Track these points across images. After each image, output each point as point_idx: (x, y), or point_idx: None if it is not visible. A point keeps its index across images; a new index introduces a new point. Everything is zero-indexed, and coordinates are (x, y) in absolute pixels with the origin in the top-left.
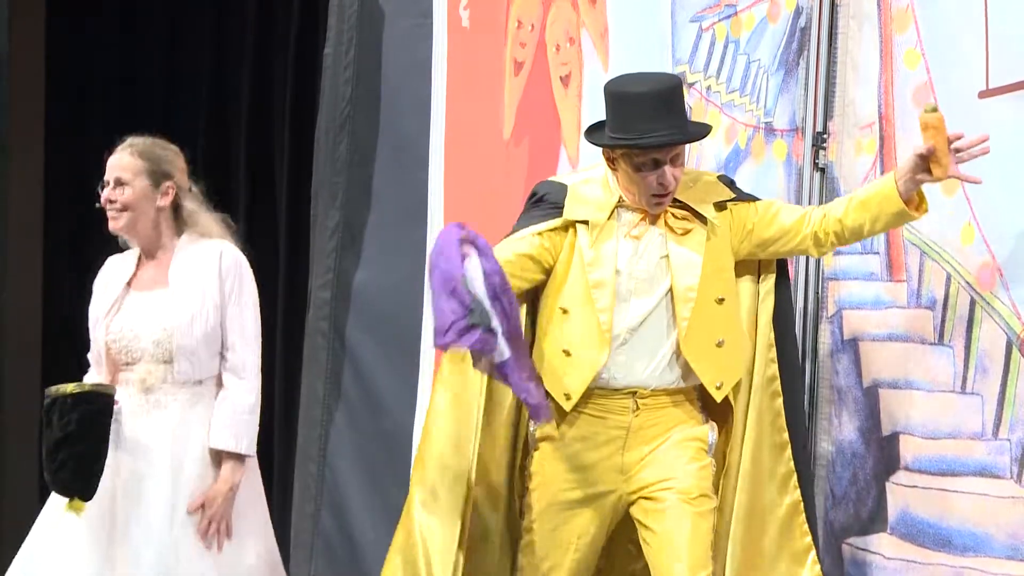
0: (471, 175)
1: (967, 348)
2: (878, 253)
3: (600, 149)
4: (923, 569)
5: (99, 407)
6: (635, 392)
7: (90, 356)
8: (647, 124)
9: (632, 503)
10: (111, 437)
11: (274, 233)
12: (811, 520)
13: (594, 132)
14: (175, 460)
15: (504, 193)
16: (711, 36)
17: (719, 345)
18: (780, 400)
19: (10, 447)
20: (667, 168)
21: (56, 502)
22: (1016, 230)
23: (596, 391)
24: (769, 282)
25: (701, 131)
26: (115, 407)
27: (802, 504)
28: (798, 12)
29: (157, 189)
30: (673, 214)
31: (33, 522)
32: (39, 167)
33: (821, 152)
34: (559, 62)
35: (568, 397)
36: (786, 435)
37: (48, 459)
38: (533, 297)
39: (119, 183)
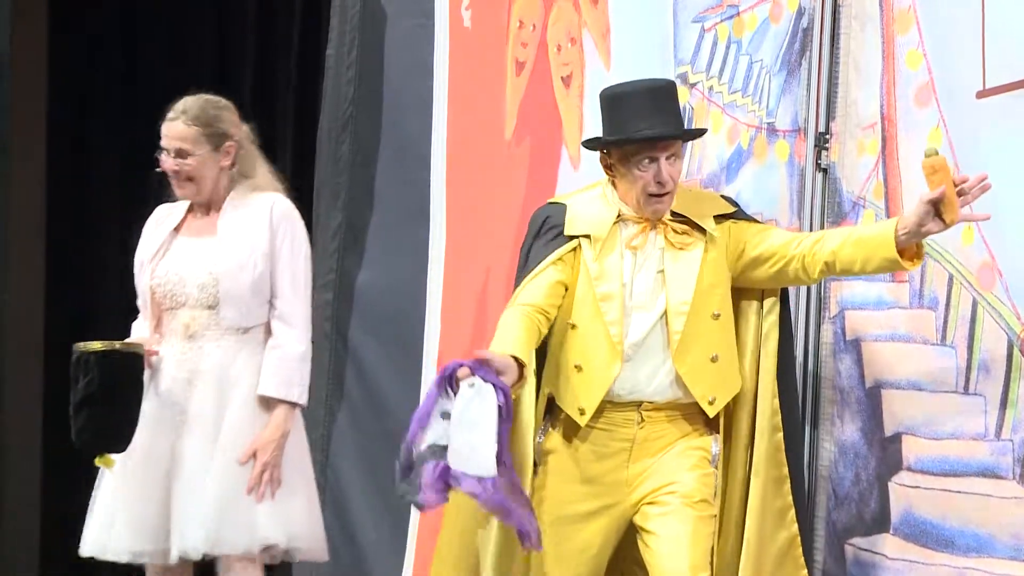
0: (473, 175)
1: (969, 348)
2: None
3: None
4: (926, 569)
5: (124, 366)
6: (640, 404)
7: (139, 302)
8: (641, 121)
9: (635, 512)
10: (152, 390)
11: None
12: (807, 554)
13: (591, 143)
14: (218, 407)
15: (505, 193)
16: (713, 36)
17: (713, 360)
18: (780, 435)
19: (11, 447)
20: (663, 164)
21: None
22: (1016, 230)
23: (603, 404)
24: (772, 316)
25: (696, 131)
26: (148, 363)
27: (799, 538)
28: (800, 13)
29: (218, 151)
30: (673, 228)
31: (34, 521)
32: (40, 168)
33: (823, 152)
34: (560, 62)
35: (582, 412)
36: (785, 470)
37: (72, 418)
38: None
39: (180, 153)
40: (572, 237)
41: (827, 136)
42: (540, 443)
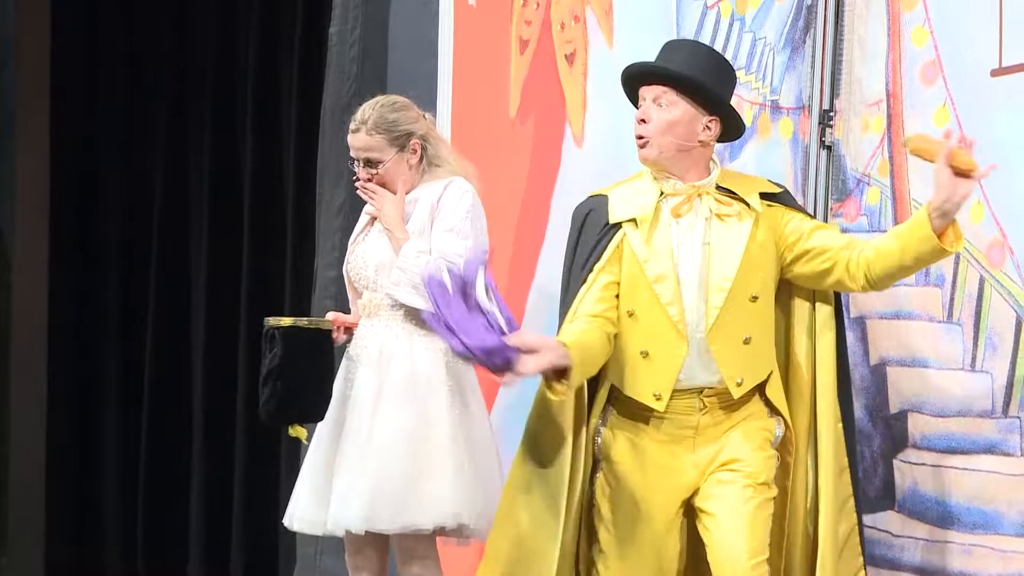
0: (477, 153)
1: (976, 326)
2: (886, 231)
3: (605, 129)
4: (931, 547)
5: (309, 340)
6: (701, 391)
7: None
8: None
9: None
10: (344, 366)
11: (281, 212)
12: (863, 539)
13: None
14: (378, 383)
15: (510, 171)
16: (716, 13)
17: (746, 342)
18: (841, 426)
19: (15, 442)
20: (649, 106)
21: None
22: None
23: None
24: (828, 308)
25: (694, 78)
26: (339, 339)
27: (857, 527)
28: None
29: (404, 151)
30: (717, 199)
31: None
32: (45, 154)
33: (827, 130)
34: (564, 40)
35: (659, 397)
36: (846, 460)
37: (260, 389)
38: None
39: (369, 163)
40: (617, 225)
41: (831, 113)
42: (600, 442)
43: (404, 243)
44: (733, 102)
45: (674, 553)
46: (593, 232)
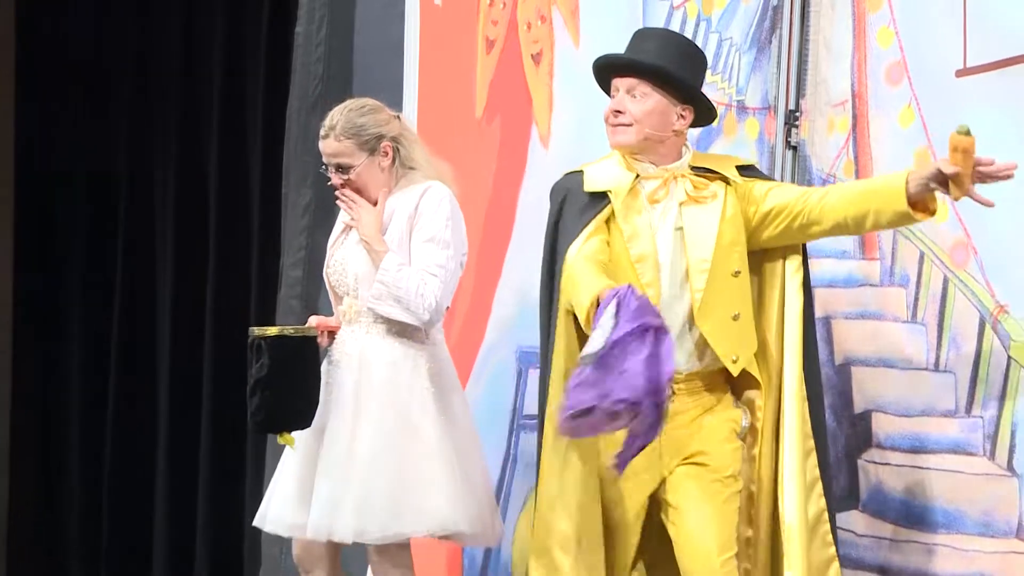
0: (444, 153)
1: (940, 326)
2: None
3: (571, 130)
4: (895, 546)
5: (295, 349)
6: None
7: None
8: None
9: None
10: (324, 371)
11: (247, 212)
12: (834, 529)
13: None
14: (356, 388)
15: (477, 171)
16: (682, 14)
17: (735, 319)
18: (806, 405)
19: None
20: (623, 97)
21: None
22: (992, 208)
23: None
24: (797, 281)
25: (666, 70)
26: (323, 343)
27: (826, 513)
28: None
29: (375, 155)
30: (692, 182)
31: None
32: (9, 157)
33: (793, 130)
34: (530, 40)
35: None
36: (812, 442)
37: (248, 400)
38: None
39: (340, 168)
40: (593, 194)
41: (797, 114)
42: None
43: (383, 256)
44: None
45: (635, 540)
46: (576, 206)
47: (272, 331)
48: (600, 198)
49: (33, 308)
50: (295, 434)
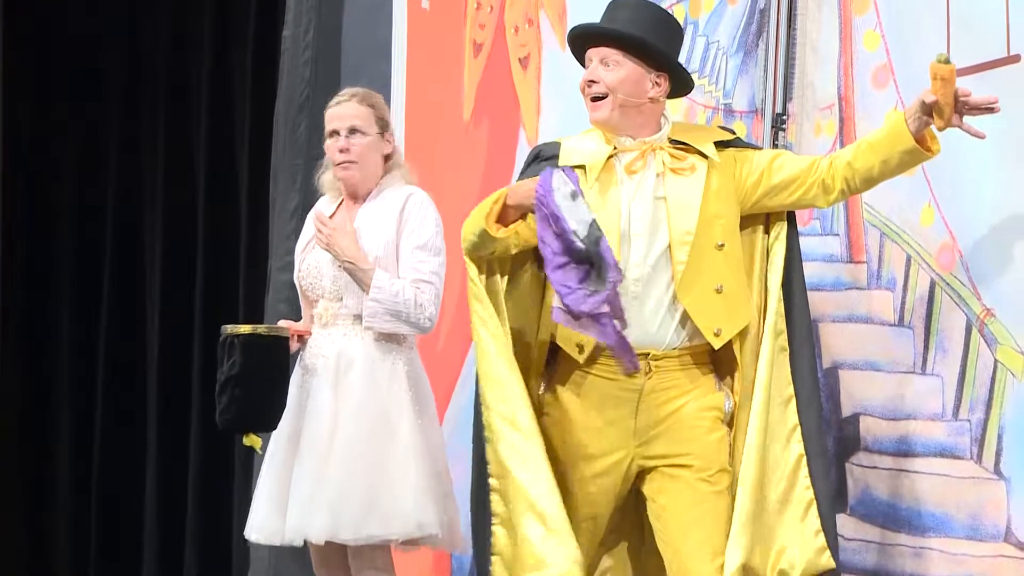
0: (432, 156)
1: (927, 329)
2: (838, 235)
3: (559, 132)
4: (883, 549)
5: (267, 349)
6: (648, 354)
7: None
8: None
9: (646, 472)
10: (293, 376)
11: (235, 215)
12: (815, 474)
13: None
14: (334, 392)
15: (464, 174)
16: None
17: (718, 291)
18: (786, 354)
19: None
20: (596, 67)
21: (271, 446)
22: (976, 211)
23: (608, 351)
24: (779, 231)
25: (636, 36)
26: (292, 347)
27: (805, 458)
28: None
29: (383, 137)
30: (671, 153)
31: None
32: None
33: (780, 133)
34: (518, 43)
35: (580, 349)
36: (791, 389)
37: (216, 398)
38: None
39: (354, 131)
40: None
41: (784, 117)
42: (541, 395)
43: (371, 273)
44: (686, 105)
45: (605, 522)
46: (540, 167)
47: (245, 329)
48: (554, 160)
49: (20, 316)
50: (270, 437)
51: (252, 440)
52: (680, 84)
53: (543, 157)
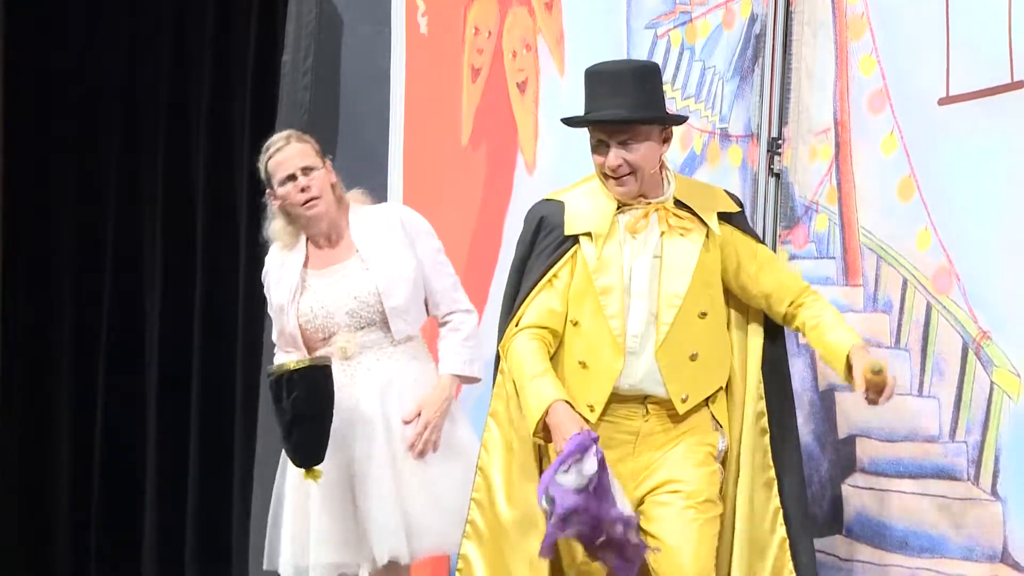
0: (430, 181)
1: (923, 351)
2: (834, 258)
3: (556, 157)
4: (879, 571)
5: (320, 378)
6: (646, 398)
7: (278, 340)
8: (598, 103)
9: (639, 507)
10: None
11: (234, 238)
12: (799, 556)
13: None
14: (384, 414)
15: (462, 198)
16: (666, 42)
17: (692, 358)
18: (767, 437)
19: None
20: (613, 150)
21: (293, 473)
22: (973, 235)
23: (609, 398)
24: (758, 318)
25: (648, 114)
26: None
27: (787, 542)
28: (753, 19)
29: (325, 168)
30: (675, 214)
31: None
32: None
33: (776, 158)
34: (516, 68)
35: (592, 409)
36: (772, 472)
37: (285, 438)
38: None
39: (307, 170)
40: (573, 237)
41: (780, 141)
42: (544, 444)
43: (452, 379)
44: (682, 130)
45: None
46: (550, 240)
47: (292, 364)
48: (560, 228)
49: (21, 325)
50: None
51: (316, 474)
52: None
53: (549, 227)
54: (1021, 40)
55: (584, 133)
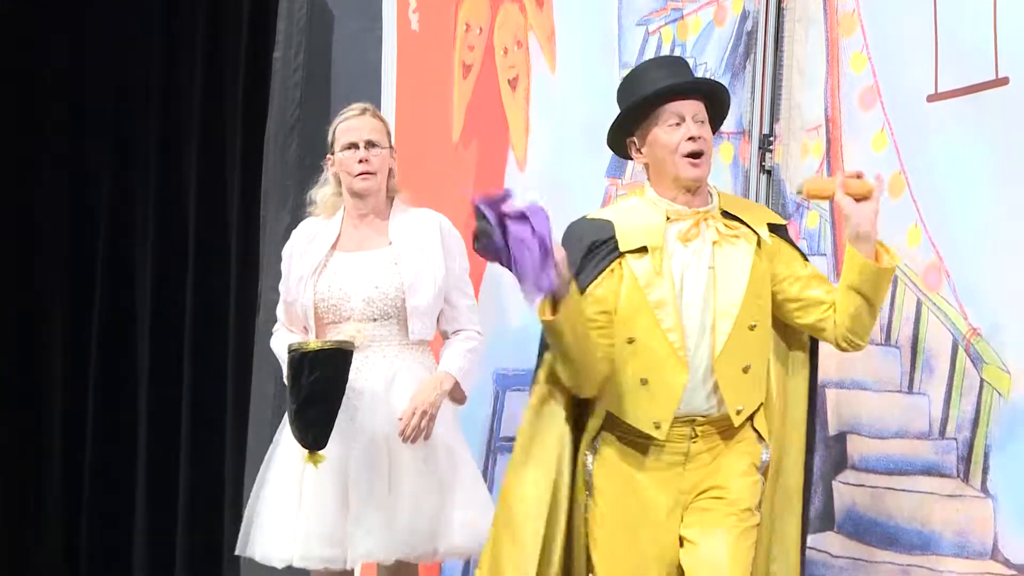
0: (421, 177)
1: (914, 348)
2: (825, 255)
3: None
4: (870, 567)
5: (343, 363)
6: (693, 420)
7: (284, 316)
8: (658, 82)
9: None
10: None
11: (225, 235)
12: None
13: (614, 135)
14: (388, 416)
15: (453, 195)
16: (658, 39)
17: (745, 371)
18: (803, 458)
19: None
20: (691, 122)
21: (281, 464)
22: (963, 232)
23: (677, 420)
24: (801, 356)
25: (719, 87)
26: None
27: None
28: (744, 16)
29: (390, 152)
30: (725, 223)
31: None
32: None
33: (767, 154)
34: (507, 65)
35: (658, 426)
36: (799, 506)
37: (297, 416)
38: None
39: (371, 145)
40: (615, 255)
41: (771, 138)
42: (591, 468)
43: (450, 381)
44: None
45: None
46: (601, 257)
47: (314, 344)
48: (611, 242)
49: (12, 331)
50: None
51: (318, 458)
52: None
53: (598, 242)
54: (1006, 37)
55: (575, 130)
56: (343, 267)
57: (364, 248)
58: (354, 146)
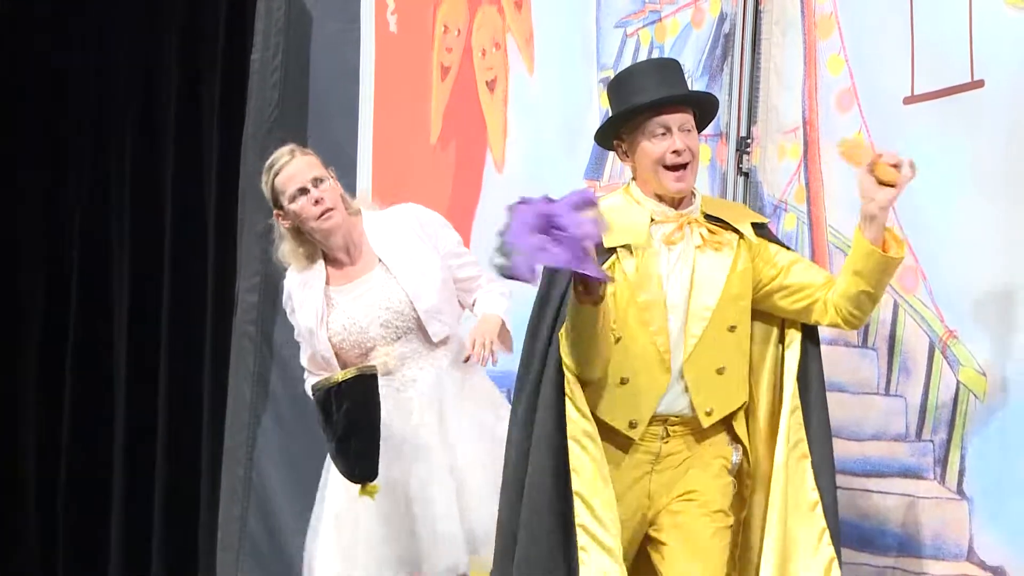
0: (399, 179)
1: (891, 350)
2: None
3: (525, 155)
4: (847, 569)
5: (371, 386)
6: (666, 420)
7: (309, 364)
8: (648, 92)
9: (654, 521)
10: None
11: (203, 236)
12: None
13: (602, 134)
14: (441, 427)
15: (431, 196)
16: (636, 41)
17: (719, 372)
18: (808, 461)
19: None
20: (676, 134)
21: (335, 499)
22: (939, 233)
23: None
24: (793, 338)
25: (708, 97)
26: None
27: (836, 562)
28: (722, 18)
29: (333, 176)
30: (708, 228)
31: None
32: None
33: (745, 157)
34: (485, 67)
35: (634, 425)
36: (816, 495)
37: (339, 452)
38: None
39: (318, 181)
40: (611, 249)
41: (748, 140)
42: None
43: (498, 320)
44: None
45: None
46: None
47: (339, 376)
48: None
49: None
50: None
51: (372, 489)
52: None
53: None
54: (981, 40)
55: (553, 132)
56: (346, 302)
57: (359, 276)
58: (303, 191)
